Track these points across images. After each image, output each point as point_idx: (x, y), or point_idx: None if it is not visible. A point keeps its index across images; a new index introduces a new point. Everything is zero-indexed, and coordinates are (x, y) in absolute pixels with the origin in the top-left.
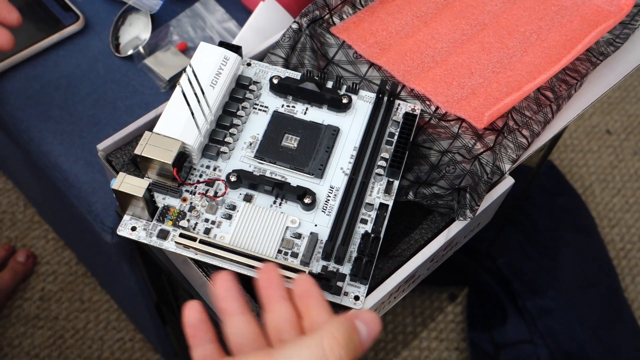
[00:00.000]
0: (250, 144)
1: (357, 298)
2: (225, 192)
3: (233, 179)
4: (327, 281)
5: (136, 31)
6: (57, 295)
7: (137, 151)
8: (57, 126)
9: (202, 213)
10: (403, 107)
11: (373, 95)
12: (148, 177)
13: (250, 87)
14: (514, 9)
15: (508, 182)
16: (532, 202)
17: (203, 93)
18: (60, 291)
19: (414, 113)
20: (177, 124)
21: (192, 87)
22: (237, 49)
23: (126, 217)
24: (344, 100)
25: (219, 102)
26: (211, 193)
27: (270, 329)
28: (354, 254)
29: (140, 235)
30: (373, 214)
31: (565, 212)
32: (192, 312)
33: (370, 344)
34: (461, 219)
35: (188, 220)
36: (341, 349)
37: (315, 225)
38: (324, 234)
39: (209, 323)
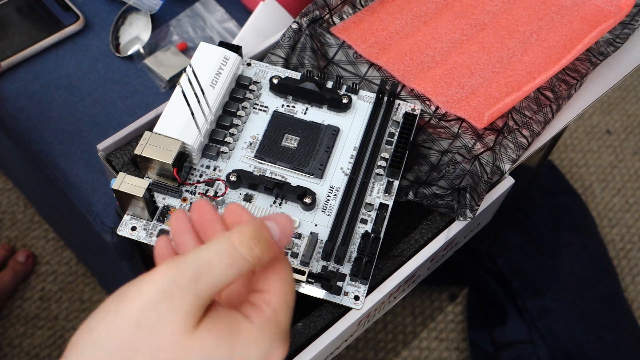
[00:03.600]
0: (250, 144)
1: (357, 298)
2: (225, 192)
3: (233, 179)
4: (327, 281)
5: (136, 31)
6: (57, 295)
7: (137, 151)
8: (57, 126)
9: None
10: (403, 107)
11: (373, 95)
12: (148, 177)
13: (250, 87)
14: (514, 9)
15: (508, 182)
16: (532, 202)
17: (203, 93)
18: (60, 291)
19: (414, 113)
20: (177, 124)
21: (192, 87)
22: (237, 49)
23: (126, 217)
24: (344, 100)
25: (219, 102)
26: (211, 193)
27: None
28: (354, 254)
29: (140, 235)
30: (373, 214)
31: (565, 212)
32: (162, 243)
33: (286, 242)
34: (461, 219)
35: None
36: (250, 240)
37: (315, 225)
38: (324, 234)
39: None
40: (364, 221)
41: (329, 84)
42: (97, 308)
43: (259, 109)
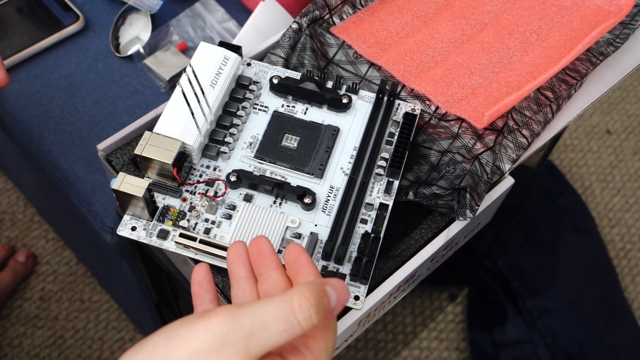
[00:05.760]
0: (250, 144)
1: (357, 298)
2: (225, 192)
3: (233, 179)
4: None
5: (136, 31)
6: (57, 295)
7: (137, 151)
8: (57, 126)
9: (202, 213)
10: (403, 107)
11: (373, 95)
12: (148, 177)
13: (250, 87)
14: (514, 9)
15: (508, 182)
16: (532, 202)
17: (203, 93)
18: (60, 291)
19: (414, 113)
20: (177, 124)
21: (192, 87)
22: (237, 49)
23: (126, 217)
24: (344, 100)
25: (219, 102)
26: (211, 193)
27: (263, 297)
28: (354, 254)
29: (140, 235)
30: (373, 214)
31: (565, 212)
32: (200, 270)
33: (339, 311)
34: (461, 219)
35: (188, 220)
36: (311, 308)
37: (315, 225)
38: (324, 234)
39: (213, 284)
40: (364, 221)
41: (329, 84)
42: (144, 339)
43: (259, 109)
